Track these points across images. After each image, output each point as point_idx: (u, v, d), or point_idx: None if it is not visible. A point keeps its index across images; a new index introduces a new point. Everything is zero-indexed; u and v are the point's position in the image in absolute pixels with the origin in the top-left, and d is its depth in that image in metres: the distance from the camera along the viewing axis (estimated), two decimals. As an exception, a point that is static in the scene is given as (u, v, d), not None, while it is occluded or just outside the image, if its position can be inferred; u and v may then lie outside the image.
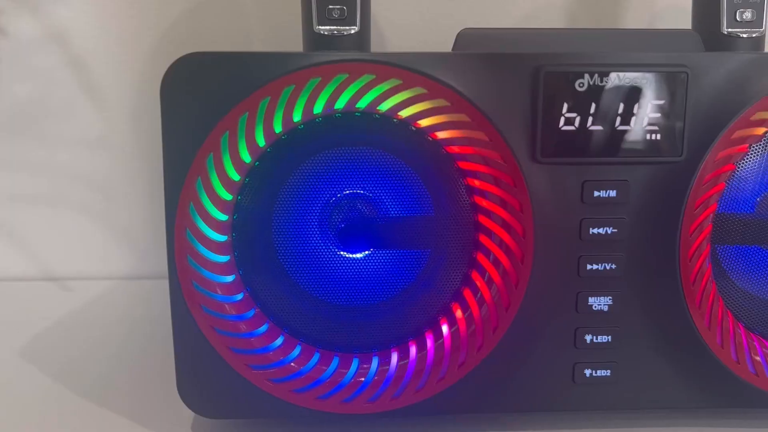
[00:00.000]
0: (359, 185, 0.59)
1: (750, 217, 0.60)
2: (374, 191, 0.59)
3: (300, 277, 0.60)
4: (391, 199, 0.60)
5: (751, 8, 0.64)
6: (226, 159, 0.55)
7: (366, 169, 0.59)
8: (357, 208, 0.59)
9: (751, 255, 0.62)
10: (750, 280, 0.62)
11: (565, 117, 0.56)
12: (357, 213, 0.59)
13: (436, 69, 0.55)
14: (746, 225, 0.60)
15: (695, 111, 0.56)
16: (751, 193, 0.61)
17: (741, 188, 0.60)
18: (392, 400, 0.59)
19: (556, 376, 0.60)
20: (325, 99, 0.55)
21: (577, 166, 0.57)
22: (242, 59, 0.54)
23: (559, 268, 0.58)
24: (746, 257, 0.62)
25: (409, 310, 0.61)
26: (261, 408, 0.59)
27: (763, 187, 0.61)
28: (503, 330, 0.58)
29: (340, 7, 0.63)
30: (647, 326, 0.59)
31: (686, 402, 0.61)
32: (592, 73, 0.55)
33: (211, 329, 0.57)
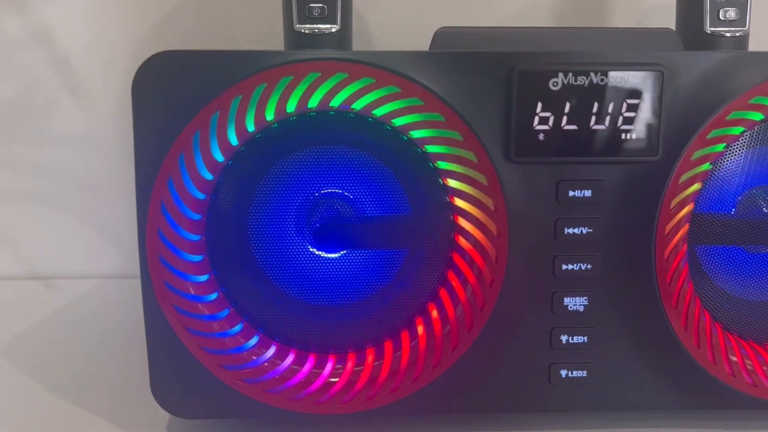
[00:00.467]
0: (336, 184, 0.59)
1: (729, 217, 0.60)
2: (351, 191, 0.59)
3: (276, 277, 0.60)
4: (368, 199, 0.59)
5: (734, 7, 0.64)
6: (198, 158, 0.55)
7: (342, 168, 0.58)
8: (334, 208, 0.59)
9: (730, 256, 0.62)
10: (729, 281, 0.62)
11: (539, 116, 0.55)
12: (334, 212, 0.59)
13: (410, 68, 0.55)
14: (725, 225, 0.60)
15: (671, 110, 0.56)
16: (731, 194, 0.61)
17: (719, 188, 0.60)
18: (366, 400, 0.58)
19: (531, 376, 0.60)
20: (297, 98, 0.54)
21: (551, 165, 0.57)
22: (214, 58, 0.54)
23: (534, 268, 0.58)
24: (726, 258, 0.62)
25: (386, 310, 0.60)
26: (234, 408, 0.58)
27: (743, 187, 0.60)
28: (478, 330, 0.58)
29: (320, 6, 0.63)
30: (623, 327, 0.59)
31: (663, 403, 0.60)
32: (566, 72, 0.55)
33: (184, 329, 0.57)
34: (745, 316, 0.62)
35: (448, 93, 0.55)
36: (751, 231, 0.60)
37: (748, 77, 0.56)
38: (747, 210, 0.61)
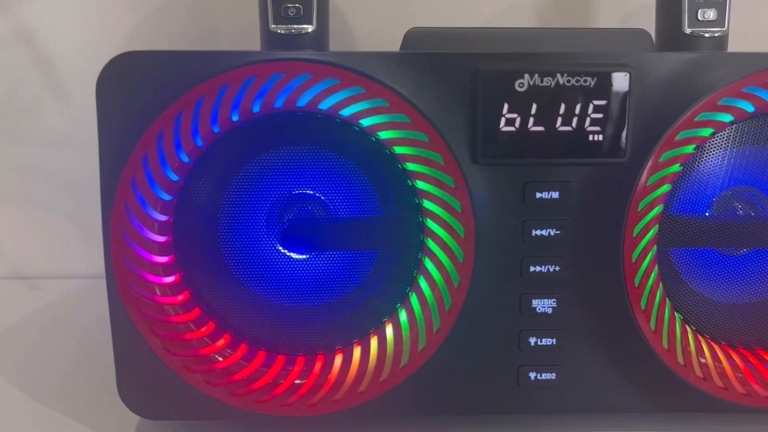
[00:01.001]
0: (307, 185, 0.59)
1: (701, 219, 0.60)
2: (322, 192, 0.59)
3: (247, 279, 0.59)
4: (340, 200, 0.59)
5: (713, 7, 0.63)
6: (163, 159, 0.55)
7: (313, 169, 0.58)
8: (305, 209, 0.59)
9: (705, 258, 0.61)
10: (704, 284, 0.61)
11: (505, 118, 0.55)
12: (305, 213, 0.59)
13: (374, 69, 0.54)
14: (697, 227, 0.60)
15: (638, 112, 0.56)
16: (704, 195, 0.60)
17: (691, 190, 0.60)
18: (333, 403, 0.58)
19: (500, 378, 0.59)
20: (262, 98, 0.54)
21: (518, 167, 0.56)
22: (177, 58, 0.54)
23: (502, 269, 0.58)
24: (700, 260, 0.61)
25: (357, 312, 0.60)
26: (200, 409, 0.58)
27: (717, 188, 0.60)
28: (445, 332, 0.58)
29: (295, 6, 0.63)
30: (592, 329, 0.59)
31: (633, 405, 0.60)
32: (531, 74, 0.55)
33: (149, 330, 0.57)
34: (719, 319, 0.62)
35: (413, 94, 0.55)
36: (725, 233, 0.60)
37: (717, 78, 0.56)
38: (722, 212, 0.60)
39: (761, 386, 0.60)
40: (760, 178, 0.60)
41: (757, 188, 0.60)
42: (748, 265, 0.61)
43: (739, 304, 0.62)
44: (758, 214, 0.61)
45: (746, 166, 0.60)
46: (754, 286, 0.62)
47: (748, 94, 0.56)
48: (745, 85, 0.56)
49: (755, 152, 0.59)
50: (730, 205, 0.61)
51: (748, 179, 0.60)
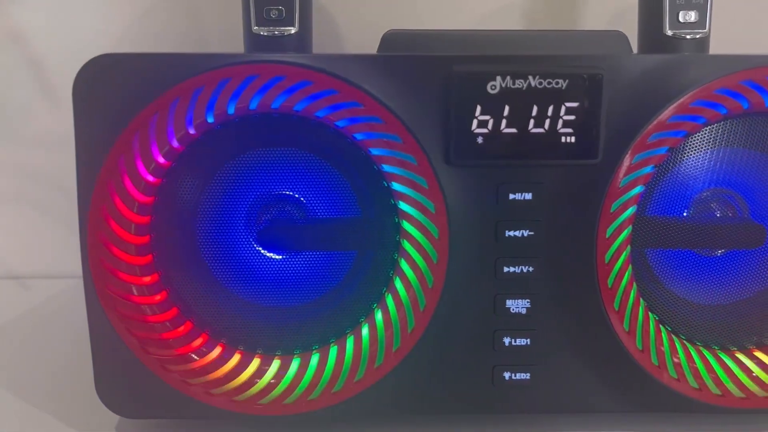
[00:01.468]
0: (285, 186, 0.59)
1: (677, 220, 0.60)
2: (300, 192, 0.59)
3: (225, 279, 0.60)
4: (318, 201, 0.59)
5: (693, 9, 0.64)
6: (139, 160, 0.55)
7: (292, 169, 0.59)
8: (283, 209, 0.59)
9: (681, 259, 0.61)
10: (680, 285, 0.61)
11: (478, 120, 0.55)
12: (283, 214, 0.59)
13: (348, 71, 0.55)
14: (673, 228, 0.60)
15: (611, 113, 0.56)
16: (681, 197, 0.60)
17: (667, 191, 0.60)
18: (309, 402, 0.59)
19: (475, 378, 0.60)
20: (236, 100, 0.55)
21: (491, 168, 0.57)
22: (152, 60, 0.55)
23: (476, 270, 0.58)
24: (676, 261, 0.61)
25: (335, 312, 0.61)
26: (177, 408, 0.59)
27: (694, 190, 0.60)
28: (419, 332, 0.58)
29: (277, 8, 0.63)
30: (566, 329, 0.59)
31: (607, 405, 0.61)
32: (504, 76, 0.55)
33: (126, 330, 0.57)
34: (695, 320, 0.62)
35: (386, 96, 0.55)
36: (700, 234, 0.60)
37: (689, 81, 0.56)
38: (700, 213, 0.60)
39: (735, 387, 0.60)
40: (737, 180, 0.60)
41: (734, 190, 0.60)
42: (724, 266, 0.62)
43: (716, 305, 0.62)
44: (735, 216, 0.61)
45: (722, 167, 0.60)
46: (731, 287, 0.62)
47: (720, 96, 0.56)
48: (716, 87, 0.56)
49: (731, 154, 0.59)
50: (707, 207, 0.61)
51: (724, 181, 0.60)
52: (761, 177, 0.60)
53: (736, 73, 0.56)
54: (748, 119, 0.59)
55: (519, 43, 0.60)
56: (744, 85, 0.56)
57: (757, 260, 0.61)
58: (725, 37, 0.78)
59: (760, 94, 0.56)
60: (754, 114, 0.58)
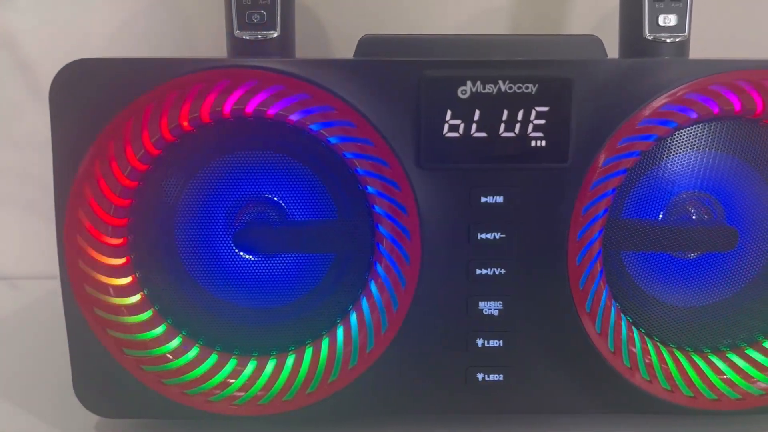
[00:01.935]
0: (263, 189, 0.60)
1: (651, 223, 0.60)
2: (278, 195, 0.60)
3: (204, 280, 0.61)
4: (296, 204, 0.60)
5: (673, 13, 0.64)
6: (114, 164, 0.56)
7: (268, 173, 0.59)
8: (261, 212, 0.60)
9: (658, 261, 0.62)
10: (657, 287, 0.62)
11: (448, 124, 0.56)
12: (262, 217, 0.60)
13: (320, 75, 0.55)
14: (649, 232, 0.60)
15: (581, 118, 0.57)
16: (657, 200, 0.61)
17: (643, 195, 0.60)
18: (283, 402, 0.59)
19: (448, 379, 0.60)
20: (209, 104, 0.55)
21: (463, 172, 0.57)
22: (128, 65, 0.55)
23: (449, 272, 0.59)
24: (652, 264, 0.62)
25: (312, 314, 0.61)
26: (154, 408, 0.60)
27: (670, 193, 0.61)
28: (392, 334, 0.59)
29: (259, 12, 0.64)
30: (539, 331, 0.60)
31: (579, 406, 0.61)
32: (474, 81, 0.56)
33: (104, 331, 0.58)
34: (670, 322, 0.62)
35: (358, 100, 0.56)
36: (674, 237, 0.61)
37: (660, 85, 0.57)
38: (674, 216, 0.61)
39: (708, 389, 0.61)
40: (711, 184, 0.60)
41: (709, 193, 0.61)
42: (699, 268, 0.62)
43: (691, 308, 0.62)
44: (710, 219, 0.61)
45: (696, 171, 0.60)
46: (705, 289, 0.62)
47: (689, 101, 0.57)
48: (686, 92, 0.56)
49: (705, 158, 0.60)
50: (683, 210, 0.61)
51: (699, 184, 0.60)
52: (735, 180, 0.60)
53: (706, 78, 0.56)
54: (720, 123, 0.59)
55: (493, 48, 0.61)
56: (714, 90, 0.57)
57: (731, 263, 0.62)
58: (711, 40, 0.79)
59: (729, 98, 0.57)
60: (726, 118, 0.59)
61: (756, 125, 0.59)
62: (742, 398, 0.61)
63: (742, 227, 0.60)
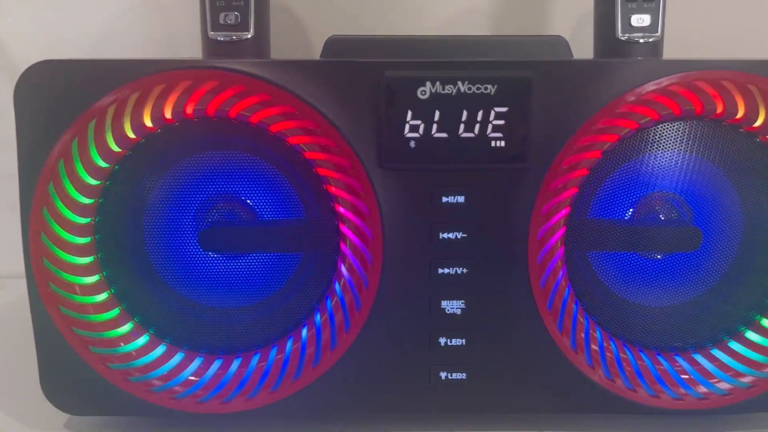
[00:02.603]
0: (230, 189, 0.60)
1: (616, 224, 0.61)
2: (246, 195, 0.61)
3: (172, 280, 0.61)
4: (265, 204, 0.61)
5: (645, 13, 0.64)
6: (78, 164, 0.57)
7: (235, 173, 0.60)
8: (231, 212, 0.60)
9: (625, 261, 0.62)
10: (624, 287, 0.62)
11: (409, 124, 0.57)
12: (230, 216, 0.60)
13: (279, 76, 0.56)
14: (613, 232, 0.61)
15: (541, 118, 0.57)
16: (622, 201, 0.61)
17: (608, 195, 0.61)
18: (247, 401, 0.60)
19: (412, 378, 0.61)
20: (171, 104, 0.56)
21: (424, 172, 0.58)
22: (91, 66, 0.56)
23: (411, 271, 0.59)
24: (620, 264, 0.62)
25: (278, 313, 0.62)
26: (119, 406, 0.60)
27: (635, 194, 0.61)
28: (355, 333, 0.59)
29: (233, 14, 0.64)
30: (501, 330, 0.60)
31: (542, 405, 0.61)
32: (433, 81, 0.56)
33: (70, 329, 0.59)
34: (636, 322, 0.63)
35: (320, 100, 0.56)
36: (638, 237, 0.61)
37: (619, 85, 0.57)
38: (641, 216, 0.61)
39: (670, 389, 0.61)
40: (678, 184, 0.61)
41: (676, 193, 0.61)
42: (667, 269, 0.62)
43: (658, 307, 0.63)
44: (678, 219, 0.61)
45: (662, 171, 0.60)
46: (672, 289, 0.62)
47: (650, 101, 0.57)
48: (646, 93, 0.57)
49: (669, 158, 0.60)
50: (650, 210, 0.61)
51: (666, 185, 0.61)
52: (701, 181, 0.61)
53: (665, 78, 0.57)
54: (683, 124, 0.59)
55: (458, 49, 0.61)
56: (673, 90, 0.57)
57: (697, 263, 0.62)
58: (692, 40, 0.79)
59: (689, 99, 0.57)
60: (688, 119, 0.59)
61: (719, 126, 0.59)
62: (705, 398, 0.61)
63: (709, 228, 0.61)
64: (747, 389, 0.61)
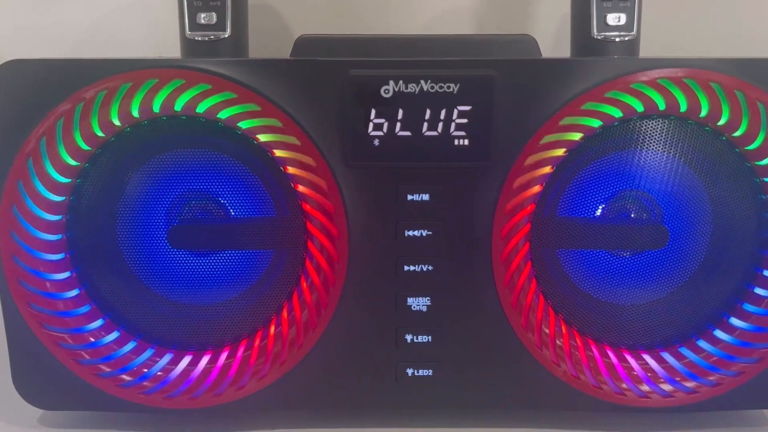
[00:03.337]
0: (202, 186, 0.61)
1: (583, 222, 0.61)
2: (218, 193, 0.61)
3: (145, 277, 0.62)
4: (237, 201, 0.61)
5: (621, 12, 0.65)
6: (47, 162, 0.57)
7: (207, 171, 0.61)
8: (203, 209, 0.61)
9: (595, 260, 0.62)
10: (593, 284, 0.62)
11: (373, 123, 0.57)
12: (203, 214, 0.61)
13: (244, 74, 0.57)
14: (581, 230, 0.61)
15: (504, 117, 0.57)
16: (591, 199, 0.61)
17: (577, 193, 0.61)
18: (214, 396, 0.61)
19: (378, 374, 0.61)
20: (138, 103, 0.57)
21: (389, 170, 0.58)
22: (58, 65, 0.57)
23: (377, 269, 0.60)
24: (591, 262, 0.62)
25: (249, 310, 0.62)
26: (89, 401, 0.61)
27: (604, 192, 0.61)
28: (321, 329, 0.60)
29: (209, 14, 0.65)
30: (467, 326, 0.61)
31: (507, 401, 0.62)
32: (396, 80, 0.56)
33: (40, 326, 0.60)
34: (605, 319, 0.63)
35: (284, 99, 0.57)
36: (605, 235, 0.61)
37: (581, 83, 0.57)
38: (611, 214, 0.61)
39: (636, 386, 0.61)
40: (647, 183, 0.61)
41: (646, 192, 0.61)
42: (637, 267, 0.62)
43: (627, 305, 0.63)
44: (649, 217, 0.61)
45: (629, 170, 0.61)
46: (642, 287, 0.63)
47: (612, 99, 0.57)
48: (607, 90, 0.57)
49: (636, 156, 0.60)
50: (621, 209, 0.62)
51: (634, 183, 0.61)
52: (671, 180, 0.61)
53: (628, 76, 0.57)
54: (650, 122, 0.59)
55: (424, 48, 0.61)
56: (634, 88, 0.57)
57: (667, 262, 0.62)
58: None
59: (652, 97, 0.57)
60: (655, 117, 0.59)
61: (685, 124, 0.59)
62: (671, 396, 0.61)
63: (678, 227, 0.61)
64: (714, 387, 0.61)
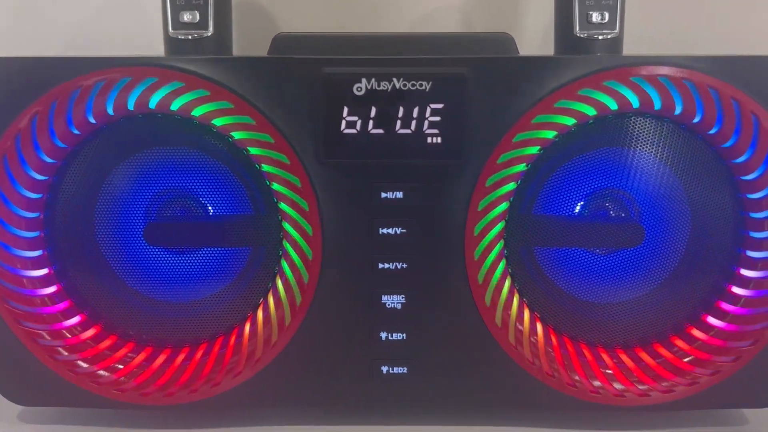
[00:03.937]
0: (180, 184, 0.61)
1: (559, 220, 0.61)
2: (196, 191, 0.61)
3: (124, 274, 0.62)
4: (215, 199, 0.62)
5: (603, 10, 0.64)
6: (22, 159, 0.58)
7: (185, 168, 0.61)
8: (182, 207, 0.61)
9: (571, 258, 0.62)
10: (571, 282, 0.62)
11: (346, 120, 0.57)
12: (181, 212, 0.61)
13: (216, 72, 0.57)
14: (556, 228, 0.61)
15: (476, 115, 0.57)
16: (569, 196, 0.61)
17: (554, 191, 0.61)
18: (190, 393, 0.61)
19: (353, 372, 0.61)
20: (112, 100, 0.57)
21: (363, 167, 0.58)
22: (31, 63, 0.57)
23: (351, 266, 0.60)
24: (568, 260, 0.62)
25: (226, 307, 0.63)
26: (67, 397, 0.61)
27: (582, 190, 0.61)
28: (295, 327, 0.60)
29: (191, 13, 0.65)
30: (441, 324, 0.61)
31: (482, 400, 0.62)
32: (369, 78, 0.57)
33: (17, 322, 0.60)
34: (581, 317, 0.63)
35: (256, 96, 0.57)
36: (581, 233, 0.61)
37: (553, 81, 0.57)
38: (591, 212, 0.61)
39: (612, 384, 0.61)
40: (624, 181, 0.61)
41: (624, 190, 0.61)
42: (614, 266, 0.62)
43: (604, 303, 0.63)
44: (627, 215, 0.61)
45: (606, 168, 0.61)
46: (620, 286, 0.62)
47: (584, 97, 0.57)
48: (580, 88, 0.57)
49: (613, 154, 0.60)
50: (599, 207, 0.61)
51: (612, 181, 0.61)
52: (648, 178, 0.61)
53: (599, 74, 0.57)
54: (624, 120, 0.59)
55: (399, 46, 0.62)
56: (608, 86, 0.57)
57: (645, 261, 0.62)
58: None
59: (624, 94, 0.57)
60: (629, 115, 0.59)
61: (661, 122, 0.59)
62: (648, 394, 0.61)
63: (655, 225, 0.61)
64: (690, 386, 0.61)
